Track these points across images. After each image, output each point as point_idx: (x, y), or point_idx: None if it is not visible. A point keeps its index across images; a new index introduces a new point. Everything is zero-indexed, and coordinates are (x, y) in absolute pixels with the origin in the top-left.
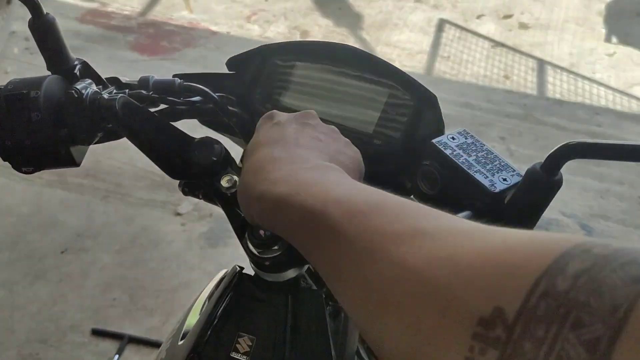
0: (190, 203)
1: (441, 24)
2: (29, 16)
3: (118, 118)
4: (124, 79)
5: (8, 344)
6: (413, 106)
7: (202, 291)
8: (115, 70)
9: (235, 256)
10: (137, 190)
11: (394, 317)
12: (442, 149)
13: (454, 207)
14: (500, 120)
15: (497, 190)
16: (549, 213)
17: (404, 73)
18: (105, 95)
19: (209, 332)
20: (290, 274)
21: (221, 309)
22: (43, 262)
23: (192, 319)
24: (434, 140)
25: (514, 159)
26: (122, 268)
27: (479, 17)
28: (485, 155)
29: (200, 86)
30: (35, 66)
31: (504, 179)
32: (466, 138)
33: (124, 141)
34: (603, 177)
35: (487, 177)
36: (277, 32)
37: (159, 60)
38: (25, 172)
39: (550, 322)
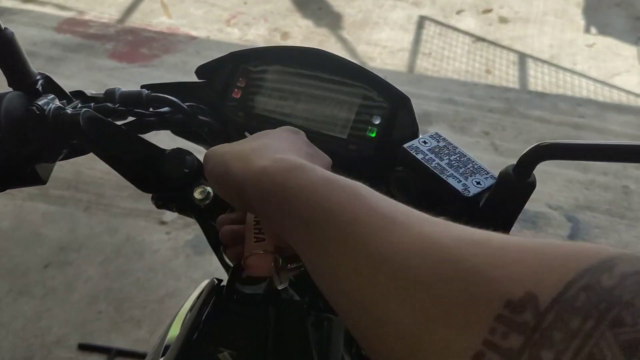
0: None
1: (421, 21)
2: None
3: (83, 133)
4: (89, 92)
5: None
6: (387, 109)
7: (183, 304)
8: (94, 79)
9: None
10: (119, 200)
11: (405, 294)
12: (414, 153)
13: (429, 212)
14: (484, 115)
15: (470, 194)
16: (535, 206)
17: (377, 76)
18: (69, 110)
19: (189, 349)
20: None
21: (201, 324)
22: (26, 277)
23: (174, 333)
24: (405, 145)
25: (498, 153)
26: (108, 280)
27: (458, 12)
28: (458, 158)
29: (169, 97)
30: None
31: (478, 182)
32: (438, 142)
33: None
34: (587, 168)
35: (461, 180)
36: (257, 35)
37: (138, 67)
38: None
39: (587, 315)
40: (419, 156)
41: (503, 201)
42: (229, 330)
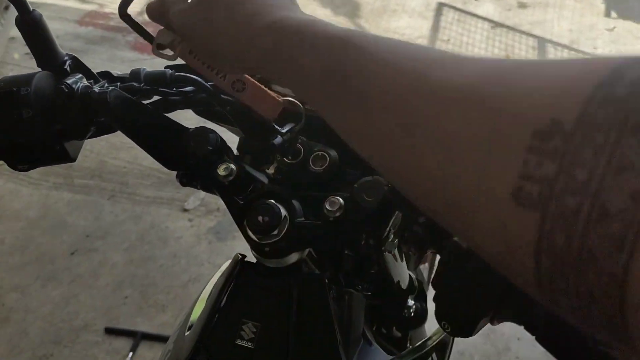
0: (197, 198)
1: (440, 8)
2: None
3: (110, 111)
4: (115, 72)
5: (23, 346)
6: None
7: (207, 283)
8: (117, 71)
9: (244, 248)
10: (143, 188)
11: (433, 143)
12: None
13: None
14: None
15: None
16: None
17: None
18: (97, 89)
19: (214, 321)
20: (292, 259)
21: (225, 297)
22: (54, 264)
23: (198, 310)
24: None
25: None
26: (132, 266)
27: None
28: None
29: (192, 76)
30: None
31: None
32: None
33: (128, 141)
34: None
35: None
36: None
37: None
38: (20, 170)
39: (609, 129)
40: None
41: None
42: (252, 303)
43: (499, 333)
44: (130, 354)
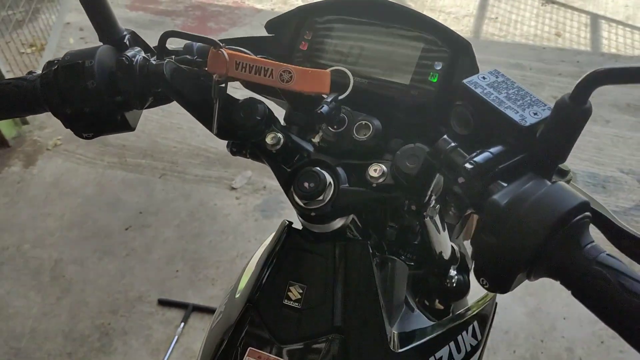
0: (244, 177)
1: None
2: (81, 7)
3: (167, 82)
4: (170, 46)
5: (82, 315)
6: (448, 54)
7: (257, 248)
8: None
9: None
10: (192, 167)
11: None
12: (473, 87)
13: (485, 144)
14: (552, 79)
15: (527, 124)
16: (605, 170)
17: (438, 22)
18: (154, 61)
19: (262, 283)
20: (336, 224)
21: (273, 261)
22: (110, 238)
23: (247, 276)
24: (464, 81)
25: None
26: (183, 241)
27: None
28: (516, 92)
29: (241, 49)
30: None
31: (535, 113)
32: (497, 77)
33: (177, 121)
34: None
35: (518, 112)
36: None
37: None
38: (85, 138)
39: None
40: (478, 90)
41: (559, 129)
42: (299, 266)
43: (545, 312)
44: (182, 324)
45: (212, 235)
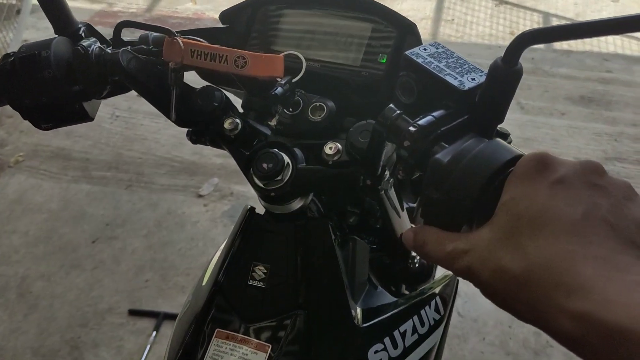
0: (210, 184)
1: None
2: (39, 25)
3: (123, 70)
4: (125, 38)
5: (51, 330)
6: (395, 36)
7: (224, 242)
8: None
9: None
10: (158, 177)
11: None
12: (415, 58)
13: (429, 110)
14: None
15: (465, 88)
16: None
17: (385, 6)
18: (109, 50)
19: (226, 266)
20: (296, 204)
21: (236, 244)
22: (76, 252)
23: (213, 264)
24: (407, 52)
25: (524, 112)
26: (152, 251)
27: None
28: (455, 61)
29: (198, 38)
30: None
31: (473, 79)
32: (437, 48)
33: (142, 133)
34: (616, 121)
35: (457, 78)
36: None
37: None
38: (44, 129)
39: None
40: (419, 60)
41: (495, 91)
42: (262, 246)
43: None
44: (154, 332)
45: (181, 243)
